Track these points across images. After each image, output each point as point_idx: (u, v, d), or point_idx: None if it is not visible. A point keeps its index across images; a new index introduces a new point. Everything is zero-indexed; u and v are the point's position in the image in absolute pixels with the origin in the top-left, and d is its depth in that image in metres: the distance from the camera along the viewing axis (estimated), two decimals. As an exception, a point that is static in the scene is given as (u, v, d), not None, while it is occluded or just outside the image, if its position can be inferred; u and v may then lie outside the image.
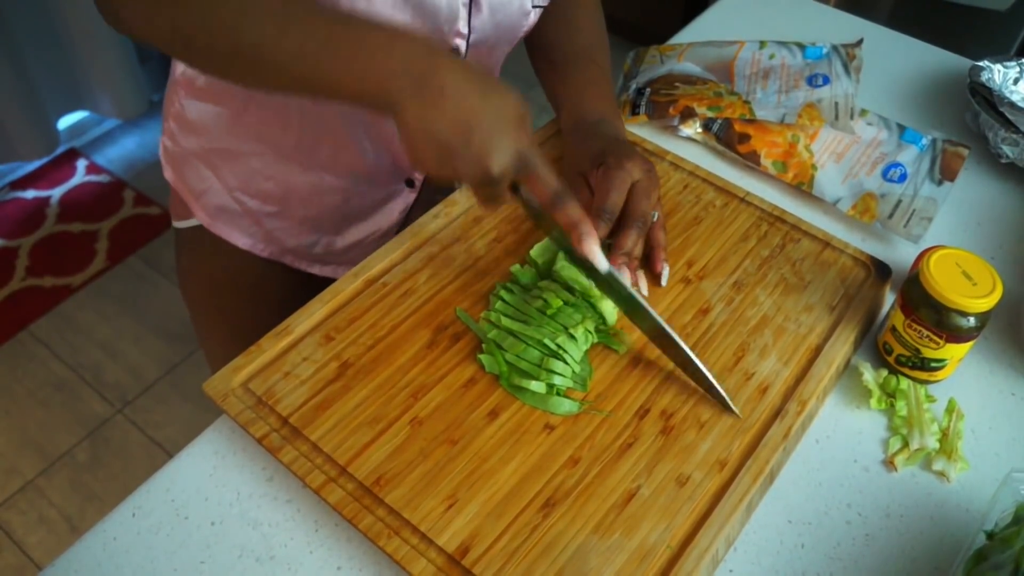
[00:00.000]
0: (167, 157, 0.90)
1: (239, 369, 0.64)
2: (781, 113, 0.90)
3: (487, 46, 0.76)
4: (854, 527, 0.60)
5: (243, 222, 0.88)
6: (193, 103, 0.82)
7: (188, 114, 0.83)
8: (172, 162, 0.90)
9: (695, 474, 0.60)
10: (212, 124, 0.82)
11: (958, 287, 0.63)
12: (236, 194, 0.86)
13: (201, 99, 0.81)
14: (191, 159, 0.87)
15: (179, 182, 0.90)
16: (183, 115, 0.84)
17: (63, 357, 1.86)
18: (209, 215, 0.89)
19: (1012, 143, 0.87)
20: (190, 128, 0.85)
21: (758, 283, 0.73)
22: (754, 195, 0.81)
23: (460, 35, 0.72)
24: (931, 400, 0.68)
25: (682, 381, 0.65)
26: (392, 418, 0.62)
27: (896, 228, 0.81)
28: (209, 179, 0.86)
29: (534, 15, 0.76)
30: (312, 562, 0.57)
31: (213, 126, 0.82)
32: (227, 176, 0.85)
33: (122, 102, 2.25)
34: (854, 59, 0.97)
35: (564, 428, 0.62)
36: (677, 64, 0.99)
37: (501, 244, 0.75)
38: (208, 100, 0.81)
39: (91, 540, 0.58)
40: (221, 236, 0.89)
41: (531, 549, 0.55)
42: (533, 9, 0.75)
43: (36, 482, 1.65)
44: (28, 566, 1.54)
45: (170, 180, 0.91)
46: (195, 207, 0.89)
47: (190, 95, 0.82)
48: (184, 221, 0.92)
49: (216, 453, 0.63)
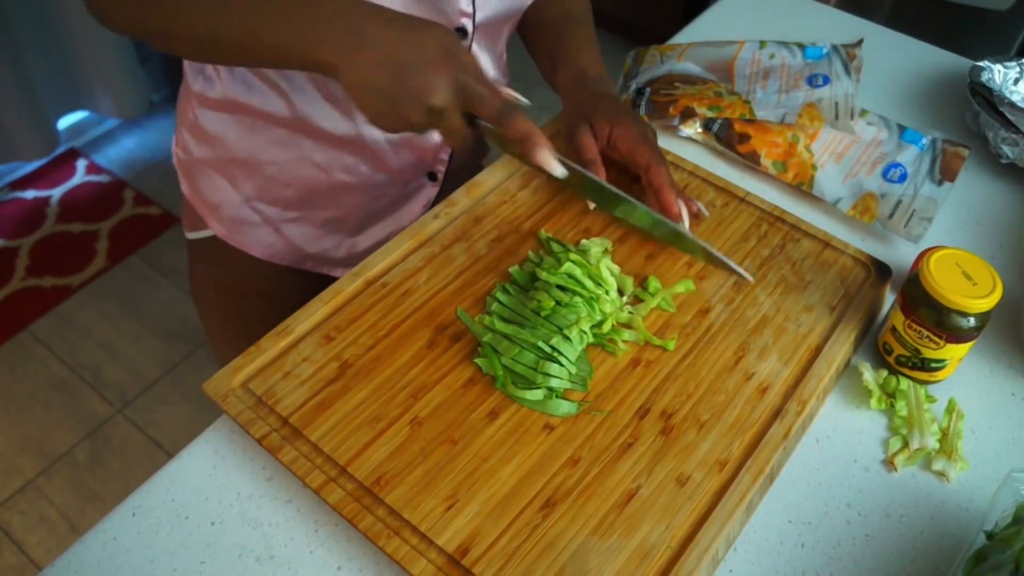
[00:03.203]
0: (181, 168, 0.90)
1: (239, 369, 0.64)
2: (781, 113, 0.90)
3: (494, 22, 0.76)
4: (854, 527, 0.60)
5: (261, 232, 0.87)
6: (208, 113, 0.82)
7: (203, 124, 0.83)
8: (186, 173, 0.89)
9: (695, 474, 0.60)
10: (228, 135, 0.82)
11: (958, 287, 0.63)
12: (254, 203, 0.85)
13: (216, 110, 0.81)
14: (205, 169, 0.86)
15: (194, 193, 0.89)
16: (197, 125, 0.84)
17: (63, 357, 1.86)
18: (226, 227, 0.88)
19: (1012, 143, 0.87)
20: (204, 138, 0.84)
21: (758, 283, 0.73)
22: (754, 195, 0.81)
23: (464, 14, 0.72)
24: (931, 400, 0.68)
25: (682, 381, 0.65)
26: (392, 418, 0.62)
27: (896, 228, 0.81)
28: (225, 189, 0.86)
29: None
30: (312, 562, 0.57)
31: (229, 137, 0.82)
32: (244, 185, 0.85)
33: (122, 102, 2.25)
34: (854, 59, 0.97)
35: (564, 428, 0.62)
36: (677, 64, 0.99)
37: (502, 244, 0.75)
38: (224, 111, 0.81)
39: (91, 540, 0.58)
40: (239, 247, 0.89)
41: (531, 549, 0.55)
42: None
43: (36, 482, 1.65)
44: (28, 566, 1.54)
45: (185, 192, 0.91)
46: (210, 219, 0.89)
47: (204, 106, 0.82)
48: (198, 232, 0.92)
49: (216, 453, 0.63)
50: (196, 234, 0.92)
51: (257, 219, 0.86)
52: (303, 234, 0.88)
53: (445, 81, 0.58)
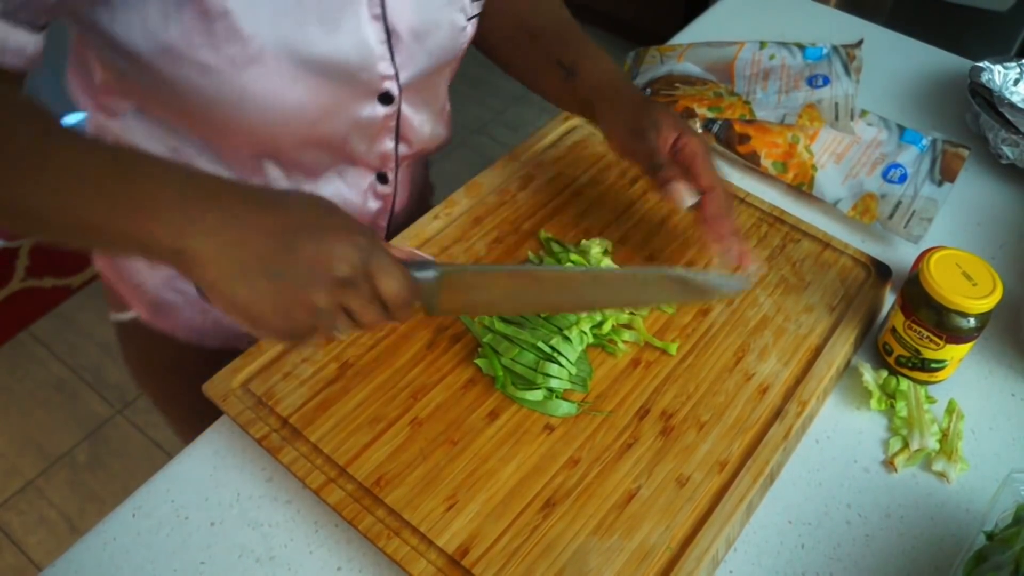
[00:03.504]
0: None
1: (239, 370, 0.64)
2: (781, 114, 0.90)
3: (424, 77, 0.67)
4: (854, 527, 0.60)
5: (185, 314, 0.78)
6: None
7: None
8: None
9: (695, 474, 0.60)
10: None
11: (958, 288, 0.63)
12: (175, 283, 0.76)
13: None
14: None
15: (112, 272, 0.79)
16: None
17: (63, 358, 1.86)
18: (148, 310, 0.79)
19: (1012, 144, 0.87)
20: None
21: (758, 284, 0.73)
22: (754, 196, 0.81)
23: (386, 78, 0.63)
24: (931, 401, 0.68)
25: (682, 382, 0.65)
26: (392, 419, 0.62)
27: (896, 229, 0.81)
28: (143, 269, 0.76)
29: (471, 27, 0.68)
30: (312, 562, 0.57)
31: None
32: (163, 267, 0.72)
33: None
34: (854, 59, 0.97)
35: (564, 429, 0.62)
36: (677, 64, 0.99)
37: (502, 245, 0.75)
38: None
39: (91, 540, 0.58)
40: (165, 331, 0.80)
41: (531, 550, 0.55)
42: (468, 22, 0.67)
43: (36, 482, 1.65)
44: (28, 567, 1.53)
45: (101, 270, 0.81)
46: (132, 300, 0.79)
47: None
48: (122, 314, 0.83)
49: (216, 453, 0.63)
50: (120, 316, 0.83)
51: (179, 300, 0.77)
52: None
53: (346, 244, 0.47)
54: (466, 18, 0.66)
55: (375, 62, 0.61)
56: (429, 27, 0.63)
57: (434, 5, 0.63)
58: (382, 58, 0.61)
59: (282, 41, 0.55)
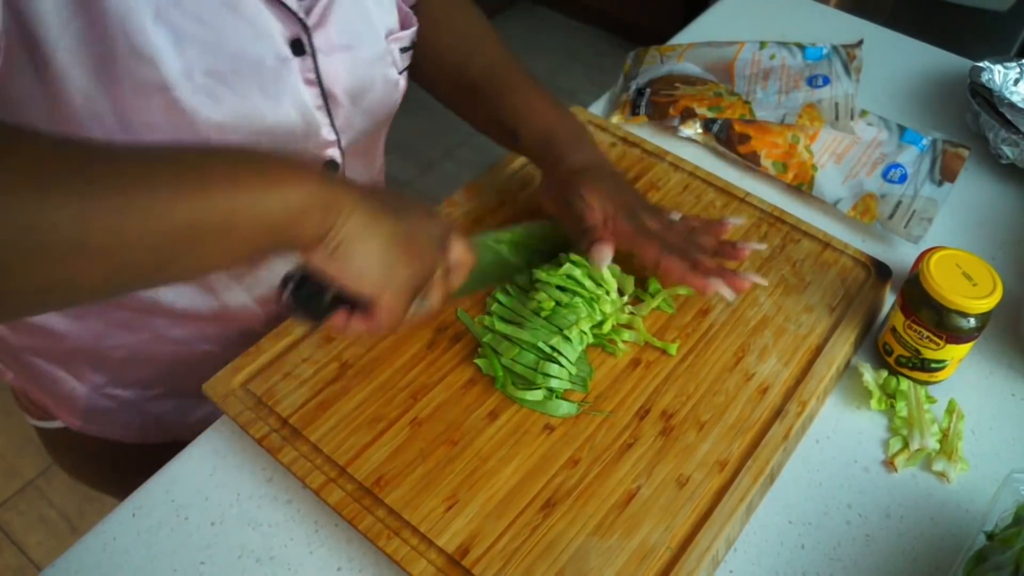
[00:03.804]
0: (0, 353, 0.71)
1: (239, 370, 0.64)
2: (781, 114, 0.90)
3: (364, 138, 0.66)
4: (854, 528, 0.60)
5: (122, 418, 0.73)
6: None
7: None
8: (10, 361, 0.72)
9: (695, 474, 0.60)
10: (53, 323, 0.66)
11: (958, 288, 0.63)
12: (106, 390, 0.72)
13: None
14: (33, 359, 0.70)
15: (28, 385, 0.73)
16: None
17: (63, 357, 1.86)
18: (79, 419, 0.73)
19: (1012, 144, 0.87)
20: (24, 329, 0.68)
21: (756, 286, 0.73)
22: (754, 196, 0.81)
23: (328, 144, 0.62)
24: (931, 401, 0.68)
25: (682, 382, 0.65)
26: (392, 419, 0.62)
27: (896, 229, 0.81)
28: (67, 381, 0.71)
29: (403, 80, 0.66)
30: (312, 562, 0.57)
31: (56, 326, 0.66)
32: (91, 376, 0.71)
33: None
34: (854, 59, 0.97)
35: (564, 429, 0.62)
36: (677, 64, 0.99)
37: (501, 244, 0.75)
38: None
39: (91, 540, 0.58)
40: (101, 436, 0.75)
41: (531, 550, 0.55)
42: (400, 75, 0.66)
43: (36, 482, 1.65)
44: (28, 567, 1.53)
45: (12, 383, 0.74)
46: (58, 412, 0.74)
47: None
48: (45, 422, 0.77)
49: (216, 453, 0.63)
50: (44, 424, 0.77)
51: (113, 405, 0.72)
52: (174, 407, 0.75)
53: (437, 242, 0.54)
54: (398, 72, 0.65)
55: (318, 127, 0.60)
56: (364, 86, 0.62)
57: (365, 62, 0.61)
58: (322, 123, 0.60)
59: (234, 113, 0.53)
